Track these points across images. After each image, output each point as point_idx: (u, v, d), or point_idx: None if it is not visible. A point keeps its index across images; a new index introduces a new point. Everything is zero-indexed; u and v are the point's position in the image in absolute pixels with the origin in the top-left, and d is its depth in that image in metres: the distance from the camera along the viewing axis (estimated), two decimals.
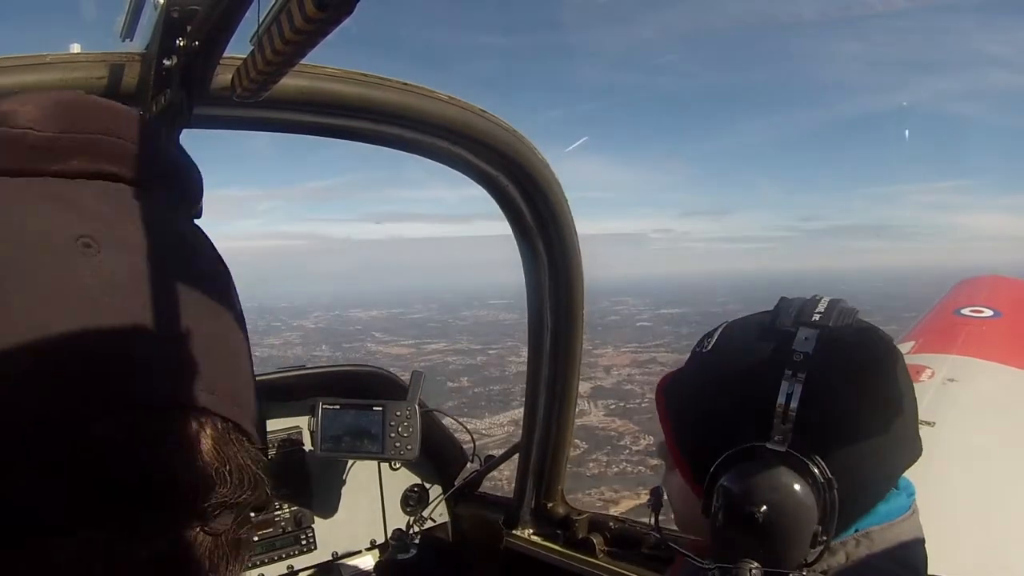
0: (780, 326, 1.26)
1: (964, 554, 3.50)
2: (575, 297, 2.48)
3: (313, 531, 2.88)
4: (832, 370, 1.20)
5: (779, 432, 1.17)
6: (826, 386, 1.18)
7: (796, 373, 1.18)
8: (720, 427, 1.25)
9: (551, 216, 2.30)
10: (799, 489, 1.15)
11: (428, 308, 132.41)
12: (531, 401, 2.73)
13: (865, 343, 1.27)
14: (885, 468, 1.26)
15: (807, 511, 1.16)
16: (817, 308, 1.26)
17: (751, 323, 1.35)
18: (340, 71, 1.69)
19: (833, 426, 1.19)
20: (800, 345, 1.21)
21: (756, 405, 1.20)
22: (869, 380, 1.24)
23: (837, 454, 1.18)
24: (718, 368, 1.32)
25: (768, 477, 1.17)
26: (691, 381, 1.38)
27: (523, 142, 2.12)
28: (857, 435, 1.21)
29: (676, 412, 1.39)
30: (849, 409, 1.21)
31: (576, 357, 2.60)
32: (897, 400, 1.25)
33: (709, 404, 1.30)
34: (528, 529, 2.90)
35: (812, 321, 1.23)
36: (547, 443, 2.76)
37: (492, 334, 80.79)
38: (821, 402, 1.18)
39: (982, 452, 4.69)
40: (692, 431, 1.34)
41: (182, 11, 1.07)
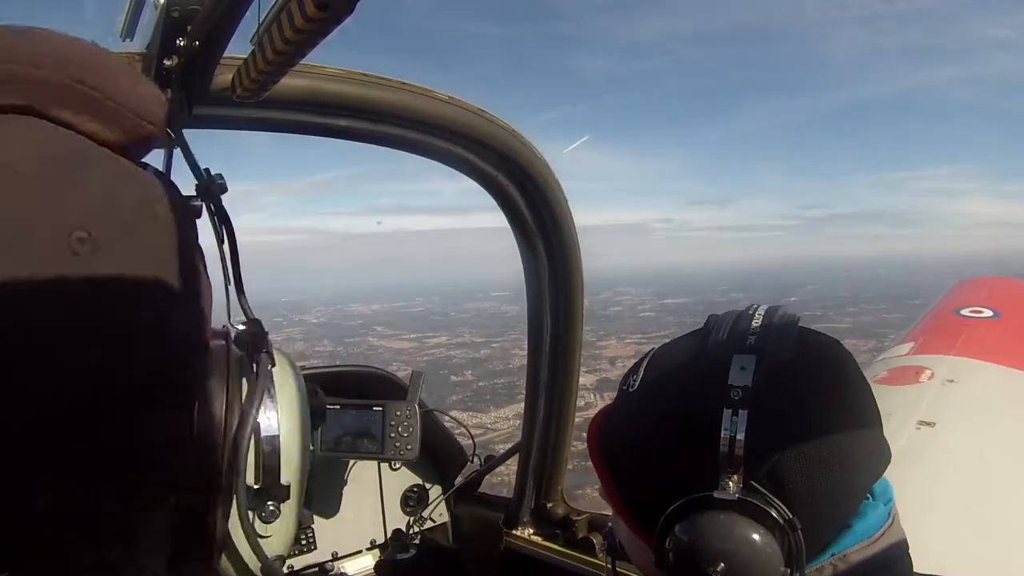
0: (712, 354, 1.13)
1: (963, 554, 3.50)
2: (575, 297, 2.48)
3: (313, 531, 2.88)
4: (775, 401, 1.07)
5: (726, 477, 1.05)
6: (771, 420, 1.06)
7: (735, 412, 1.05)
8: (661, 476, 1.12)
9: (551, 216, 2.30)
10: (757, 538, 1.04)
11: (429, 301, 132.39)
12: (531, 401, 2.73)
13: (810, 361, 1.13)
14: (852, 486, 1.14)
15: (769, 558, 1.05)
16: (752, 327, 1.13)
17: (678, 352, 1.22)
18: (340, 71, 1.68)
19: (785, 461, 1.06)
20: (736, 378, 1.07)
21: (697, 450, 1.07)
22: (818, 402, 1.11)
23: (795, 488, 1.07)
24: (648, 411, 1.19)
25: (721, 529, 1.05)
26: (622, 426, 1.24)
27: (523, 142, 2.12)
28: (814, 463, 1.07)
29: (611, 459, 1.25)
30: (801, 439, 1.08)
31: (576, 357, 2.60)
32: (854, 412, 1.14)
33: (645, 451, 1.16)
34: (528, 529, 2.90)
35: (748, 346, 1.10)
36: (547, 443, 2.75)
37: (495, 326, 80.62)
38: (768, 438, 1.05)
39: (981, 452, 4.69)
40: (631, 481, 1.21)
41: (182, 11, 1.07)
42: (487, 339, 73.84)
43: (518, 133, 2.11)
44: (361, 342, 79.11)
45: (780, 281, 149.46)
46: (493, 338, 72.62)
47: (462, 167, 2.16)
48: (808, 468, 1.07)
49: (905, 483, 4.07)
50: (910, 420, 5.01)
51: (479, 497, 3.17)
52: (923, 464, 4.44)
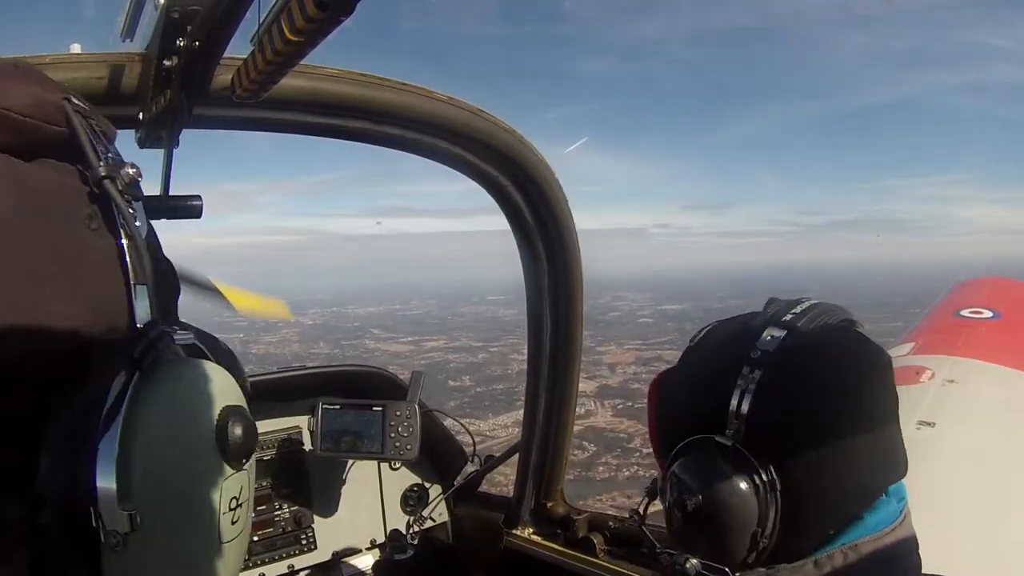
0: (752, 325, 1.26)
1: (964, 555, 3.49)
2: (575, 298, 2.48)
3: (313, 531, 2.88)
4: (787, 370, 1.19)
5: (731, 427, 1.17)
6: (779, 385, 1.17)
7: (752, 370, 1.18)
8: (689, 419, 1.26)
9: (551, 217, 2.30)
10: (738, 485, 1.15)
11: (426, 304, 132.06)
12: (531, 401, 2.73)
13: (835, 344, 1.24)
14: (858, 478, 1.21)
15: (743, 508, 1.14)
16: (794, 308, 1.26)
17: (735, 321, 1.35)
18: (340, 71, 1.68)
19: (785, 426, 1.17)
20: (762, 344, 1.20)
21: (715, 401, 1.20)
22: (833, 383, 1.20)
23: (794, 457, 1.16)
24: (693, 365, 1.35)
25: (708, 468, 1.17)
26: (672, 377, 1.39)
27: (522, 142, 2.12)
28: (815, 438, 1.17)
29: (658, 407, 1.41)
30: (805, 410, 1.18)
31: (576, 357, 2.60)
32: (867, 405, 1.22)
33: (678, 399, 1.33)
34: (528, 528, 2.89)
35: (781, 321, 1.23)
36: (547, 443, 2.75)
37: (493, 331, 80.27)
38: (773, 402, 1.17)
39: (981, 453, 4.69)
40: (663, 424, 1.37)
41: (182, 11, 1.07)
42: (485, 343, 73.45)
43: (518, 133, 2.11)
44: (358, 344, 78.84)
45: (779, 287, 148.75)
46: (491, 343, 72.21)
47: (462, 167, 2.16)
48: (811, 442, 1.17)
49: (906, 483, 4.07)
50: (910, 420, 5.01)
51: (479, 497, 3.17)
52: (923, 464, 4.42)
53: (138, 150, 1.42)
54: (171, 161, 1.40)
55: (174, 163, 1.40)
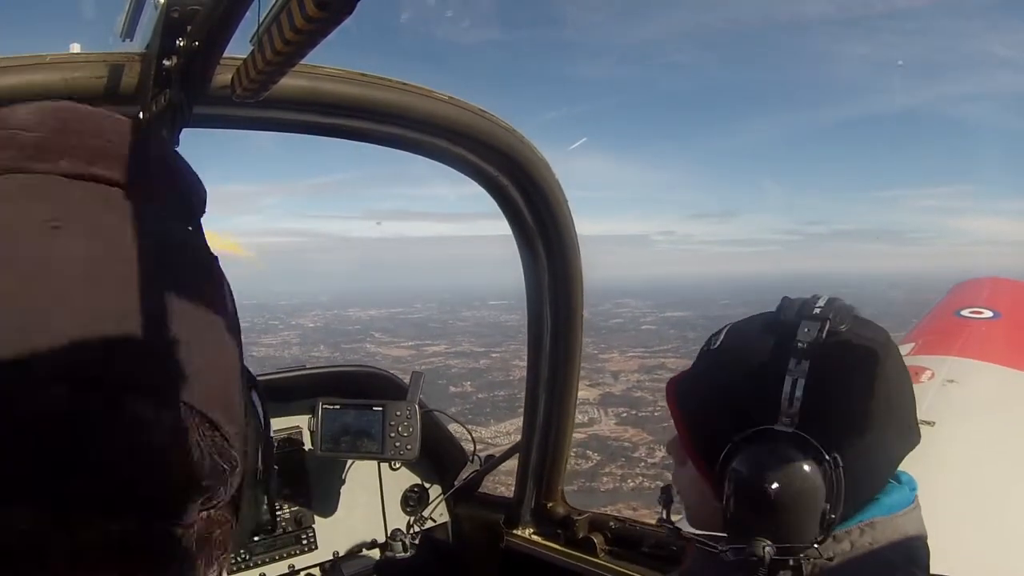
0: (784, 320, 1.34)
1: (964, 554, 3.49)
2: (575, 298, 2.48)
3: (314, 531, 2.89)
4: (833, 358, 1.27)
5: (786, 415, 1.24)
6: (828, 372, 1.26)
7: (800, 361, 1.26)
8: (732, 416, 1.30)
9: (551, 217, 2.30)
10: (807, 467, 1.21)
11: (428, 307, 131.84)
12: (531, 401, 2.73)
13: (863, 333, 1.33)
14: (887, 454, 1.33)
15: (815, 489, 1.21)
16: (817, 304, 1.34)
17: (756, 321, 1.43)
18: (340, 71, 1.69)
19: (836, 410, 1.26)
20: (803, 336, 1.28)
21: (764, 392, 1.26)
22: (868, 367, 1.30)
23: (841, 437, 1.24)
24: (728, 363, 1.39)
25: (776, 456, 1.23)
26: (702, 378, 1.44)
27: (523, 142, 2.12)
28: (858, 420, 1.27)
29: (690, 408, 1.44)
30: (851, 395, 1.28)
31: (576, 358, 2.60)
32: (895, 387, 1.32)
33: (721, 396, 1.36)
34: (528, 529, 2.90)
35: (813, 314, 1.31)
36: (547, 443, 2.76)
37: (494, 336, 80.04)
38: (824, 388, 1.25)
39: (981, 452, 4.69)
40: (705, 423, 1.39)
41: (182, 11, 1.07)
42: (487, 348, 73.22)
43: (519, 133, 2.11)
44: (358, 348, 78.66)
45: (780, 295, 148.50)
46: (493, 348, 71.95)
47: (462, 167, 2.17)
48: (853, 423, 1.26)
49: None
50: None
51: (479, 497, 3.17)
52: (923, 464, 4.43)
53: None
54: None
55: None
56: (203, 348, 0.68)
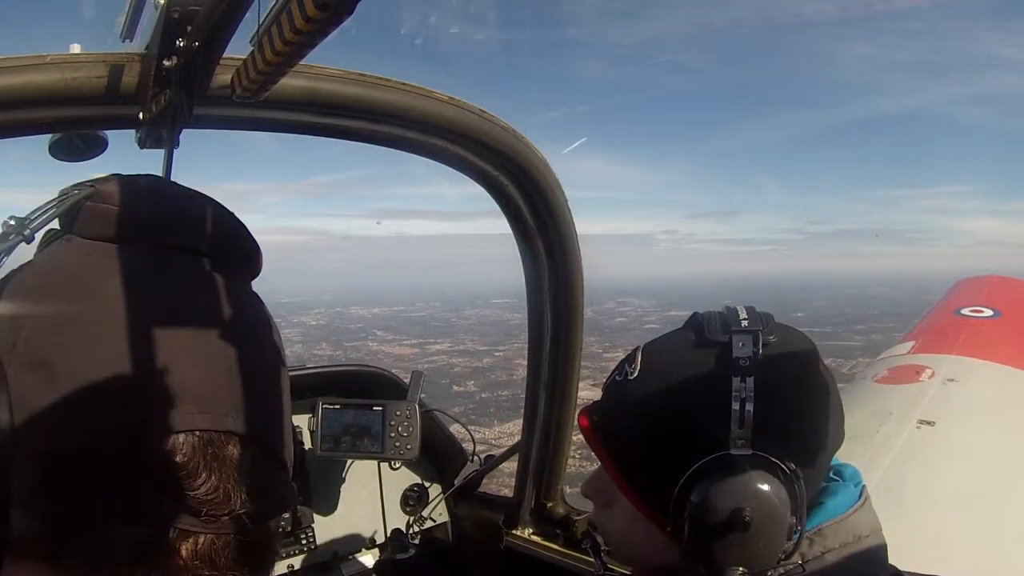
0: (711, 337, 1.29)
1: (963, 553, 3.50)
2: (575, 297, 2.48)
3: (313, 530, 2.89)
4: (774, 371, 1.24)
5: (739, 437, 1.20)
6: (773, 387, 1.22)
7: (744, 379, 1.21)
8: (678, 447, 1.24)
9: (551, 216, 2.30)
10: (773, 486, 1.18)
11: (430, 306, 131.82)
12: (531, 401, 2.73)
13: (792, 340, 1.32)
14: (829, 456, 1.32)
15: (783, 505, 1.19)
16: (741, 316, 1.30)
17: (674, 341, 1.37)
18: (340, 71, 1.69)
19: (787, 423, 1.24)
20: (739, 352, 1.23)
21: (712, 417, 1.21)
22: (808, 374, 1.30)
23: (794, 448, 1.23)
24: (659, 390, 1.31)
25: (742, 481, 1.18)
26: (629, 410, 1.35)
27: (523, 142, 2.12)
28: (807, 428, 1.27)
29: (620, 445, 1.36)
30: (798, 405, 1.27)
31: (576, 357, 2.60)
32: (830, 388, 1.32)
33: (661, 427, 1.29)
34: (528, 529, 2.90)
35: (743, 328, 1.27)
36: (547, 443, 2.75)
37: (497, 334, 79.93)
38: (772, 403, 1.21)
39: (982, 451, 4.69)
40: (645, 459, 1.31)
41: (182, 11, 1.07)
42: (490, 347, 73.05)
43: (519, 133, 2.11)
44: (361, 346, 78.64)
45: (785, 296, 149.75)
46: (496, 346, 71.76)
47: (462, 167, 2.17)
48: (803, 431, 1.26)
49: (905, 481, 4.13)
50: (910, 419, 5.02)
51: (479, 497, 3.17)
52: (923, 462, 4.45)
53: (138, 151, 1.43)
54: (171, 161, 1.40)
55: (175, 164, 1.41)
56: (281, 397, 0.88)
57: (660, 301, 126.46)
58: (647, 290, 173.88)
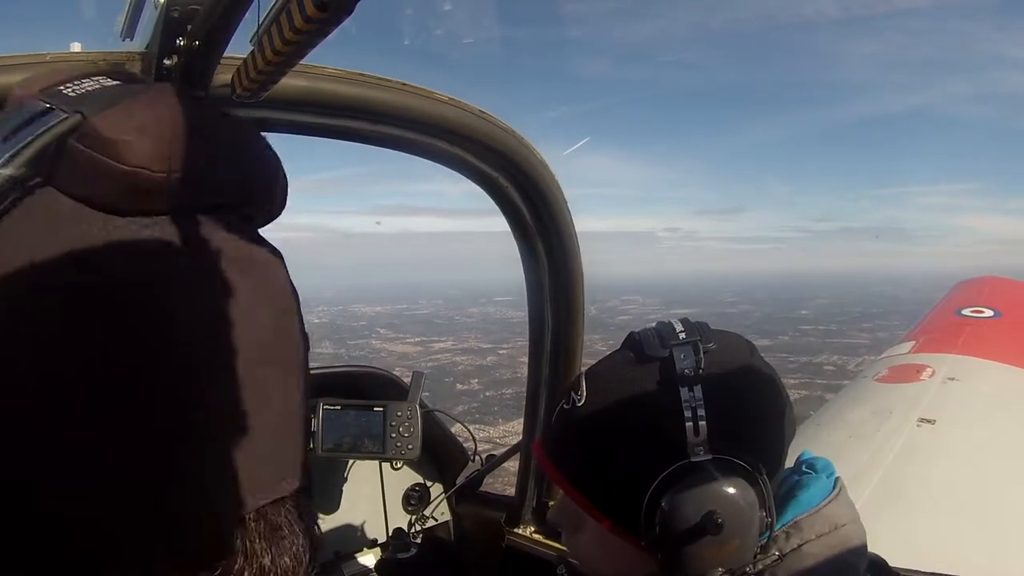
0: (652, 354, 1.32)
1: (964, 552, 3.50)
2: (576, 297, 2.48)
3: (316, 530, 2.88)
4: (719, 375, 1.28)
5: (697, 444, 1.23)
6: (720, 391, 1.26)
7: (691, 388, 1.25)
8: (638, 465, 1.27)
9: (550, 217, 2.30)
10: (739, 486, 1.22)
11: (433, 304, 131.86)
12: (532, 401, 2.73)
13: (729, 343, 1.37)
14: (784, 445, 1.35)
15: (750, 505, 1.22)
16: (677, 330, 1.33)
17: (614, 363, 1.40)
18: (340, 71, 1.69)
19: (740, 423, 1.28)
20: (682, 364, 1.27)
21: (667, 429, 1.25)
22: (749, 373, 1.34)
23: (751, 445, 1.27)
24: (609, 415, 1.34)
25: (708, 486, 1.22)
26: (583, 438, 1.38)
27: (522, 143, 2.12)
28: (759, 423, 1.31)
29: (580, 474, 1.38)
30: (747, 403, 1.31)
31: (577, 357, 2.60)
32: (773, 381, 1.36)
33: (618, 450, 1.32)
34: (530, 528, 2.90)
35: (681, 340, 1.31)
36: None
37: (501, 332, 79.79)
38: (723, 406, 1.25)
39: (982, 450, 4.70)
40: (608, 482, 1.34)
41: (182, 11, 1.07)
42: (493, 345, 72.85)
43: (518, 134, 2.11)
44: (364, 344, 78.61)
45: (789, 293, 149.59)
46: (499, 344, 71.61)
47: (461, 168, 2.17)
48: (755, 427, 1.30)
49: (906, 480, 4.13)
50: (911, 417, 5.03)
51: (481, 496, 3.17)
52: (923, 461, 4.46)
53: None
54: None
55: None
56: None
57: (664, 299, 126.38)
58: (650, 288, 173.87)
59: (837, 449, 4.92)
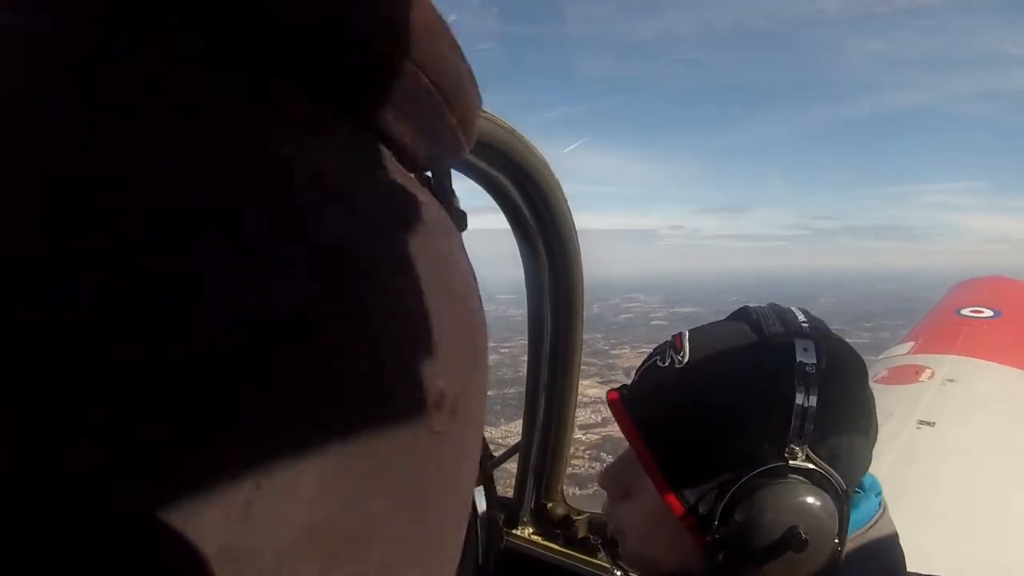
0: (772, 337, 1.20)
1: (964, 553, 3.50)
2: (575, 296, 2.47)
3: None
4: (834, 383, 1.16)
5: (799, 449, 1.12)
6: (833, 401, 1.15)
7: (807, 389, 1.13)
8: (729, 449, 1.16)
9: (550, 216, 2.29)
10: (823, 505, 1.11)
11: None
12: (531, 401, 2.73)
13: (850, 354, 1.24)
14: (863, 472, 1.24)
15: (831, 526, 1.12)
16: (800, 319, 1.23)
17: (726, 331, 1.28)
18: None
19: (842, 440, 1.16)
20: (803, 356, 1.15)
21: (772, 424, 1.14)
22: (862, 389, 1.23)
23: (844, 466, 1.15)
24: (709, 380, 1.22)
25: (800, 497, 1.11)
26: (672, 397, 1.24)
27: (523, 142, 2.12)
28: (857, 446, 1.19)
29: (661, 435, 1.23)
30: (854, 422, 1.19)
31: (576, 357, 2.59)
32: (874, 409, 1.25)
33: (711, 426, 1.18)
34: (528, 529, 2.89)
35: (804, 332, 1.20)
36: (547, 443, 2.75)
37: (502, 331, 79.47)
38: (832, 417, 1.14)
39: (982, 452, 4.69)
40: (691, 454, 1.19)
41: None
42: (496, 344, 72.04)
43: (518, 133, 2.11)
44: None
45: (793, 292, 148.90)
46: (501, 343, 71.37)
47: (461, 167, 2.16)
48: (853, 449, 1.18)
49: (905, 482, 4.14)
50: (910, 419, 5.03)
51: None
52: (923, 463, 4.45)
53: None
54: None
55: None
56: None
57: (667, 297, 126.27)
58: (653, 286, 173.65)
59: None
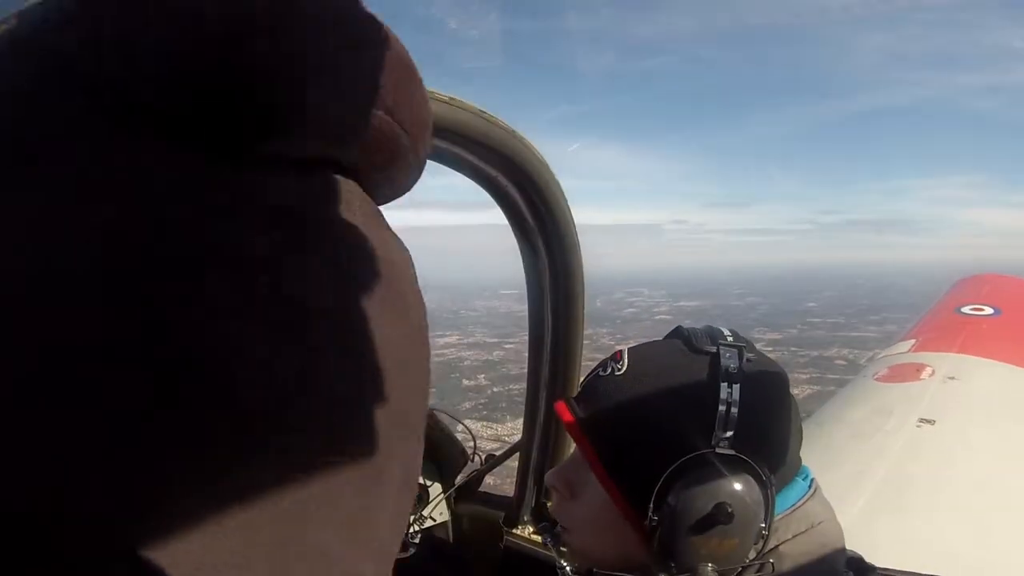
0: (700, 347, 1.40)
1: (964, 552, 3.50)
2: (575, 295, 2.48)
3: None
4: (755, 382, 1.34)
5: (723, 439, 1.28)
6: (754, 396, 1.32)
7: (731, 386, 1.31)
8: (665, 444, 1.32)
9: (550, 216, 2.30)
10: (751, 487, 1.26)
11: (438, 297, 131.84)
12: (531, 400, 2.73)
13: (770, 363, 1.43)
14: (791, 472, 1.41)
15: (756, 510, 1.27)
16: (726, 334, 1.42)
17: (662, 347, 1.47)
18: None
19: (763, 430, 1.34)
20: (727, 361, 1.34)
21: (701, 418, 1.30)
22: (781, 393, 1.41)
23: (768, 455, 1.31)
24: (645, 386, 1.39)
25: (725, 479, 1.27)
26: (616, 403, 1.42)
27: (522, 143, 2.12)
28: (780, 437, 1.37)
29: (604, 436, 1.43)
30: (773, 415, 1.37)
31: (576, 356, 2.60)
32: (797, 412, 1.43)
33: (646, 421, 1.37)
34: (528, 528, 2.89)
35: (729, 343, 1.38)
36: (547, 442, 2.75)
37: (507, 326, 79.39)
38: (752, 410, 1.31)
39: (982, 450, 4.70)
40: (629, 451, 1.38)
41: None
42: (500, 340, 72.46)
43: (518, 134, 2.11)
44: None
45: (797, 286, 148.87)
46: (506, 339, 71.15)
47: (461, 167, 2.16)
48: (775, 440, 1.36)
49: (906, 480, 4.14)
50: (911, 417, 5.03)
51: (480, 496, 3.16)
52: (924, 461, 4.46)
53: None
54: None
55: None
56: None
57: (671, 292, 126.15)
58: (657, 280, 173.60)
59: (838, 448, 4.92)
